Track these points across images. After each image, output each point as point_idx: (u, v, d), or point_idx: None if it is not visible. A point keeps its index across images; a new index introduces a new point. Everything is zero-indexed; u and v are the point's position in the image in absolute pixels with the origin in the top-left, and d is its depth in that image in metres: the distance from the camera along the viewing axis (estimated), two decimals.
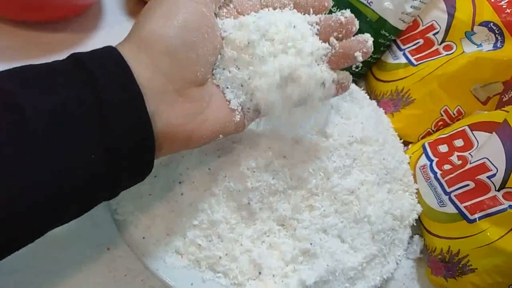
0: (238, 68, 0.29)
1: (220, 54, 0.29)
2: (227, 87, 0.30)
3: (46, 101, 0.22)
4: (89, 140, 0.23)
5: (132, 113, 0.24)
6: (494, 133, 0.38)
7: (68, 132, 0.22)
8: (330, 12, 0.49)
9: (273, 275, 0.34)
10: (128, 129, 0.24)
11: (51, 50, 0.46)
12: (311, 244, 0.35)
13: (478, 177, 0.37)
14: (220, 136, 0.29)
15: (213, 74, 0.30)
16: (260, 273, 0.34)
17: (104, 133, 0.23)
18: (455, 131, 0.43)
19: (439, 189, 0.40)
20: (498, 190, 0.36)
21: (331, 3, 0.33)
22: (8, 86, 0.22)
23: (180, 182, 0.34)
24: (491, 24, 0.43)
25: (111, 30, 0.50)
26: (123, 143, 0.24)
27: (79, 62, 0.24)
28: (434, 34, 0.47)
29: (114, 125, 0.23)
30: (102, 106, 0.23)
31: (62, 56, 0.45)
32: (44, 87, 0.22)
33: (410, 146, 0.48)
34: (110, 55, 0.25)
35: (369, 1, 0.46)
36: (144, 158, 0.25)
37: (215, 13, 0.29)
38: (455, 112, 0.46)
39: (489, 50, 0.43)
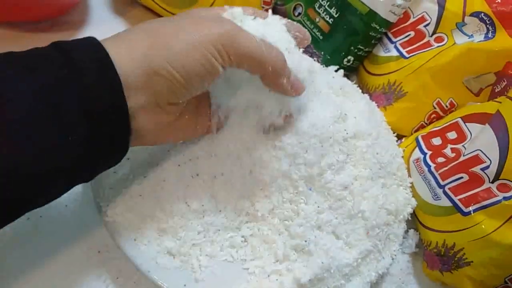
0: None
1: None
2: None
3: (26, 85, 0.23)
4: (68, 122, 0.24)
5: (110, 95, 0.25)
6: (487, 124, 0.37)
7: (47, 113, 0.23)
8: (320, 5, 0.49)
9: (268, 275, 0.34)
10: (105, 109, 0.25)
11: None
12: (305, 241, 0.34)
13: (472, 169, 0.37)
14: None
15: None
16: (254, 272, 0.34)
17: (82, 114, 0.24)
18: (448, 123, 0.43)
19: (433, 182, 0.40)
20: (492, 182, 0.36)
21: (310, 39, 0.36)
22: None
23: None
24: (482, 14, 0.43)
25: (97, 28, 0.50)
26: (101, 123, 0.25)
27: (59, 47, 0.25)
28: (425, 26, 0.47)
29: (92, 107, 0.24)
30: (80, 88, 0.24)
31: None
32: (25, 71, 0.23)
33: (403, 139, 0.48)
34: (89, 42, 0.26)
35: None
36: (119, 139, 0.27)
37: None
38: (447, 104, 0.46)
39: (480, 41, 0.43)
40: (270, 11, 0.34)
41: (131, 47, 0.27)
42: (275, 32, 0.32)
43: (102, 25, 0.50)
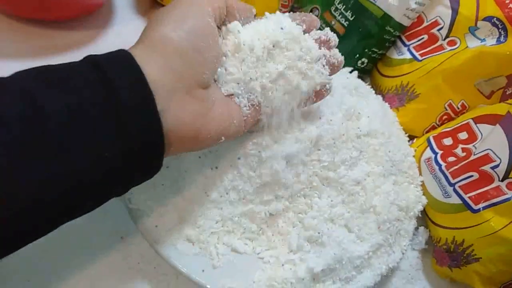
0: (241, 69, 0.31)
1: (225, 58, 0.31)
2: (232, 89, 0.32)
3: (64, 101, 0.23)
4: (104, 140, 0.24)
5: (143, 115, 0.25)
6: (497, 125, 0.38)
7: (84, 130, 0.23)
8: (336, 9, 0.50)
9: (282, 264, 0.35)
10: (139, 130, 0.25)
11: (65, 47, 0.47)
12: (318, 233, 0.36)
13: (482, 168, 0.38)
14: (222, 138, 0.31)
15: (215, 81, 0.31)
16: (269, 261, 0.35)
17: (118, 133, 0.24)
18: (459, 124, 0.44)
19: (443, 181, 0.41)
20: (502, 180, 0.37)
21: (319, 24, 0.36)
22: (28, 86, 0.23)
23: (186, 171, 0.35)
24: (495, 19, 0.44)
25: (122, 28, 0.51)
26: (136, 143, 0.25)
27: (95, 63, 0.25)
28: (438, 30, 0.48)
29: (127, 125, 0.24)
30: (116, 107, 0.24)
31: (75, 53, 0.47)
32: (62, 87, 0.23)
33: (415, 139, 0.49)
34: (122, 58, 0.26)
35: None
36: (153, 158, 0.27)
37: (218, 26, 0.31)
38: (459, 106, 0.47)
39: (492, 45, 0.44)
40: (266, 12, 0.36)
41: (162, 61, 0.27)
42: (278, 24, 0.33)
43: (126, 25, 0.52)
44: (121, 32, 0.51)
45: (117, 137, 0.24)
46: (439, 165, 0.42)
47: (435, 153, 0.44)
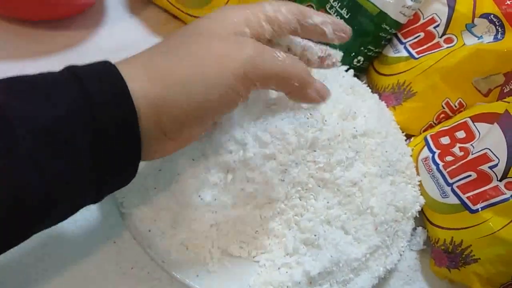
0: None
1: None
2: None
3: (37, 117, 0.22)
4: (77, 155, 0.23)
5: (123, 129, 0.24)
6: (495, 123, 0.38)
7: (57, 149, 0.22)
8: (331, 6, 0.49)
9: (278, 267, 0.35)
10: (118, 152, 0.25)
11: (55, 47, 0.46)
12: (315, 235, 0.35)
13: (480, 167, 0.38)
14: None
15: None
16: (264, 264, 0.35)
17: (90, 147, 0.23)
18: (457, 123, 0.44)
19: (441, 180, 0.41)
20: (500, 180, 0.36)
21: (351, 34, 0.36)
22: (0, 98, 0.22)
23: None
24: (492, 16, 0.44)
25: (114, 28, 0.51)
26: (112, 155, 0.25)
27: (74, 76, 0.24)
28: (435, 27, 0.47)
29: (103, 139, 0.24)
30: (94, 123, 0.23)
31: (66, 53, 0.46)
32: (36, 101, 0.22)
33: (412, 139, 0.48)
34: (107, 72, 0.25)
35: None
36: (130, 166, 0.27)
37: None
38: (456, 104, 0.46)
39: (489, 42, 0.44)
40: None
41: (149, 81, 0.26)
42: None
43: (118, 24, 0.51)
44: (113, 31, 0.50)
45: (89, 151, 0.23)
46: (437, 165, 0.42)
47: (433, 153, 0.43)
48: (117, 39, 0.49)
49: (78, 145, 0.23)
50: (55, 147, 0.22)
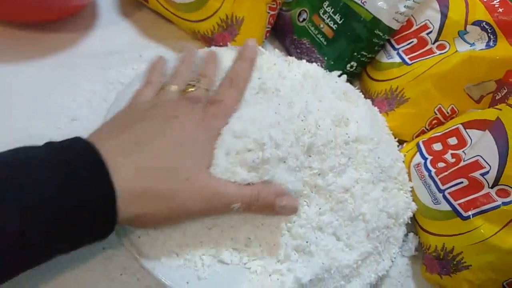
0: None
1: None
2: None
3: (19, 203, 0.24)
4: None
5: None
6: (487, 131, 0.38)
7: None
8: (325, 12, 0.49)
9: (270, 274, 0.34)
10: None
11: (48, 50, 0.46)
12: (306, 242, 0.35)
13: (472, 174, 0.38)
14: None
15: None
16: (256, 271, 0.34)
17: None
18: (449, 129, 0.44)
19: (433, 187, 0.41)
20: (492, 187, 0.36)
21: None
22: None
23: None
24: (484, 23, 0.44)
25: (106, 30, 0.50)
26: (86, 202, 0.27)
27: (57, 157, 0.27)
28: (427, 34, 0.47)
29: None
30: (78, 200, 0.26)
31: (58, 56, 0.46)
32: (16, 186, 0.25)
33: (404, 144, 0.48)
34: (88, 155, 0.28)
35: (363, 1, 0.47)
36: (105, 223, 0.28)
37: None
38: (449, 110, 0.47)
39: (482, 49, 0.44)
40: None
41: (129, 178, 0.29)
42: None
43: (111, 27, 0.51)
44: (106, 34, 0.50)
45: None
46: (429, 171, 0.42)
47: (425, 159, 0.43)
48: (109, 41, 0.49)
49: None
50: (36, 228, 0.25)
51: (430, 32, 0.47)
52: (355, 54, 0.50)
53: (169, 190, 0.30)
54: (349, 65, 0.51)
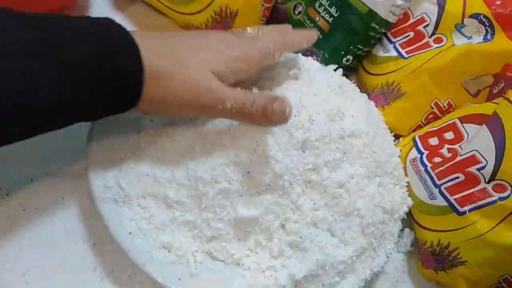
0: None
1: None
2: None
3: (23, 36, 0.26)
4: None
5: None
6: (484, 125, 0.38)
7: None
8: (320, 4, 0.49)
9: (263, 271, 0.34)
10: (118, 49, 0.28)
11: None
12: (301, 238, 0.34)
13: (468, 169, 0.37)
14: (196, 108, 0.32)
15: None
16: (249, 267, 0.34)
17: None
18: (446, 124, 0.43)
19: (429, 182, 0.40)
20: (488, 182, 0.36)
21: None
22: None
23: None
24: (481, 16, 0.43)
25: None
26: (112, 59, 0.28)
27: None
28: (424, 27, 0.47)
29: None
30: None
31: None
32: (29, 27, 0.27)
33: (400, 139, 0.48)
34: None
35: None
36: (128, 80, 0.29)
37: None
38: (445, 105, 0.46)
39: (479, 43, 0.43)
40: None
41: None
42: None
43: None
44: None
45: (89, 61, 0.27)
46: (425, 166, 0.41)
47: (421, 154, 0.43)
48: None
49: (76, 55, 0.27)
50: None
51: (427, 25, 0.46)
52: (351, 47, 0.49)
53: (168, 71, 0.30)
54: (345, 59, 0.50)
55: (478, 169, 0.37)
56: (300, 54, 0.45)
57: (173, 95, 0.31)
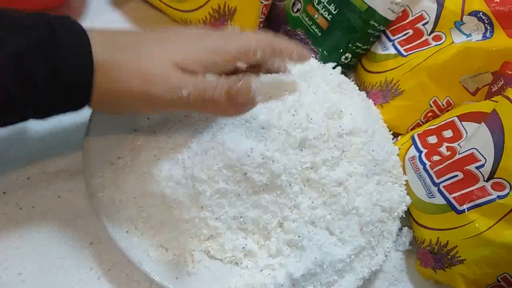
0: None
1: None
2: None
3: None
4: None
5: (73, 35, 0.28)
6: (482, 123, 0.37)
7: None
8: (319, 2, 0.48)
9: (261, 269, 0.34)
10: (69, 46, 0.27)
11: None
12: (299, 236, 0.34)
13: (467, 167, 0.37)
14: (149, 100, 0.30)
15: None
16: (247, 266, 0.34)
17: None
18: (444, 122, 0.43)
19: (428, 180, 0.40)
20: (487, 181, 0.36)
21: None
22: None
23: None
24: (481, 13, 0.43)
25: (96, 20, 0.49)
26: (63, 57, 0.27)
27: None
28: (423, 25, 0.46)
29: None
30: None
31: None
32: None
33: (399, 137, 0.48)
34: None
35: None
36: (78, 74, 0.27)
37: None
38: (444, 103, 0.46)
39: (478, 40, 0.43)
40: None
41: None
42: None
43: (100, 16, 0.50)
44: (95, 24, 0.48)
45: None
46: (424, 164, 0.41)
47: (420, 152, 0.43)
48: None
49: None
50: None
51: (426, 23, 0.46)
52: (350, 45, 0.49)
53: (118, 61, 0.28)
54: (343, 57, 0.50)
55: (477, 168, 0.36)
56: None
57: (121, 85, 0.28)
